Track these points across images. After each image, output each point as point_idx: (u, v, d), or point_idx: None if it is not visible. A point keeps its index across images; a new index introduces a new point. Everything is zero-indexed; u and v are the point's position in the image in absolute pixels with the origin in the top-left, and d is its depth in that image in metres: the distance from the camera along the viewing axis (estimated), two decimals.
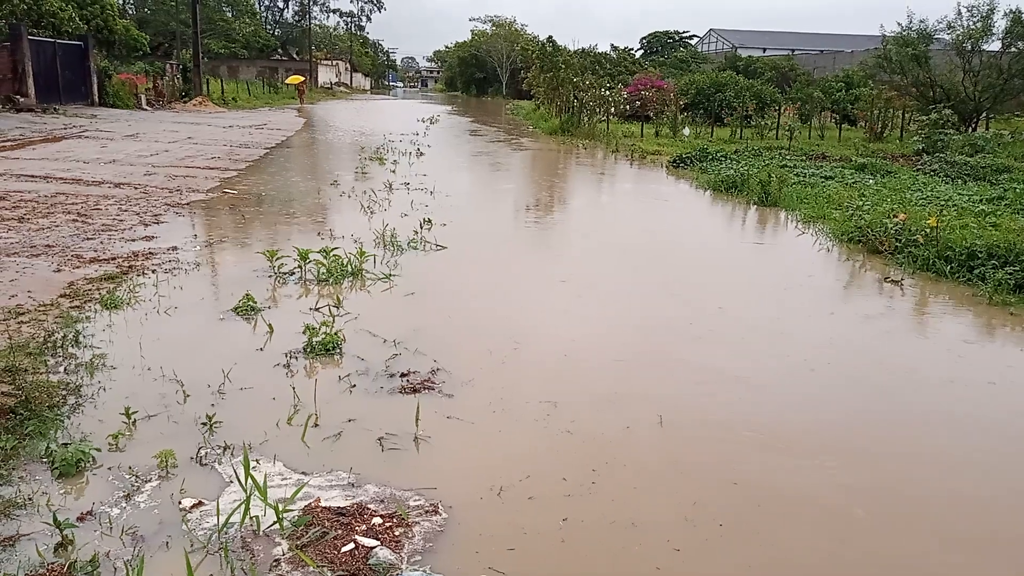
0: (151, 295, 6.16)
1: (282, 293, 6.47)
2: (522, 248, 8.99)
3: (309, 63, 67.87)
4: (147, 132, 21.36)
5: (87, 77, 29.96)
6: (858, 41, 50.80)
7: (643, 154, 19.41)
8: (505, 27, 75.46)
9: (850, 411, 4.61)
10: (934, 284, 7.50)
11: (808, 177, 13.84)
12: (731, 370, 5.13)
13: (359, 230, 8.93)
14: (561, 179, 15.81)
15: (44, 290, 6.11)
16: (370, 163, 15.86)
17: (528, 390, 4.66)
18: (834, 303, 7.00)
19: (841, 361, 5.41)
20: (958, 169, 14.41)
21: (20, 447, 3.64)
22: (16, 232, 8.10)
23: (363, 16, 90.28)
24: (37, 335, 5.08)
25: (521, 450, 3.94)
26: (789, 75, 36.14)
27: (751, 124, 25.16)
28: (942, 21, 22.68)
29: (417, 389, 4.60)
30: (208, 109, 34.09)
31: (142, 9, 55.69)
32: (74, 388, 4.34)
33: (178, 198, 10.86)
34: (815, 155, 18.37)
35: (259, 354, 5.06)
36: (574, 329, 5.92)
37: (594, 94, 26.47)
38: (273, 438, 3.91)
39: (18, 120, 22.49)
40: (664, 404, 4.54)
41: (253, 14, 65.27)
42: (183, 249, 7.81)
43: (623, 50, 51.93)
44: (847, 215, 9.76)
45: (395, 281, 6.96)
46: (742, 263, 8.63)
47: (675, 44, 70.18)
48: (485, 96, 74.98)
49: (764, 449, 4.05)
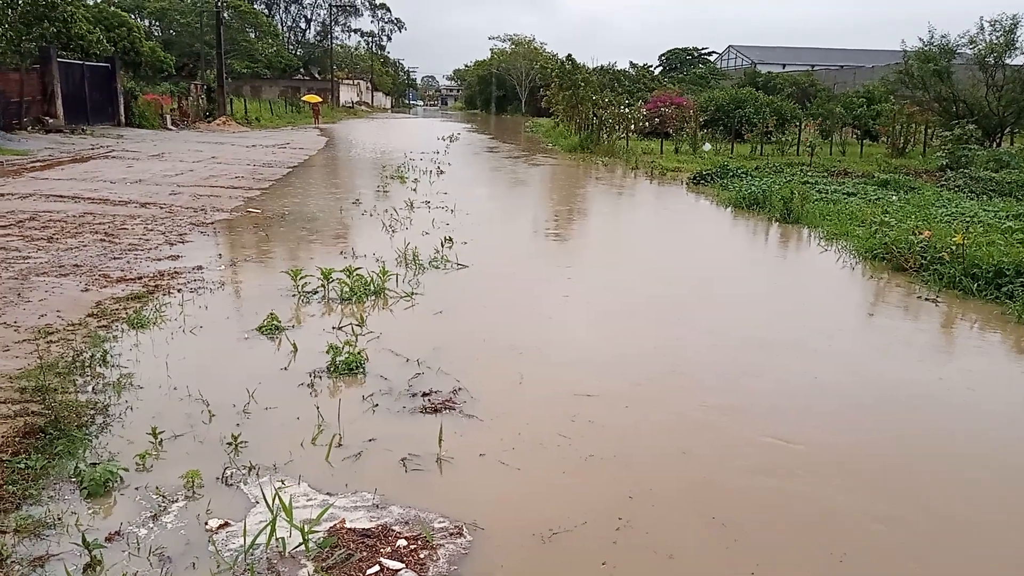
0: (177, 314, 6.23)
1: (306, 312, 6.52)
2: (543, 267, 9.00)
3: (331, 83, 68.74)
4: (172, 152, 21.70)
5: (114, 98, 30.55)
6: (879, 56, 50.53)
7: (663, 171, 19.39)
8: (524, 45, 76.03)
9: (882, 432, 4.55)
10: (961, 302, 7.40)
11: (830, 193, 13.76)
12: (757, 390, 5.08)
13: (381, 248, 8.99)
14: (581, 197, 15.83)
15: (72, 309, 6.20)
16: (391, 181, 15.98)
17: (550, 411, 4.64)
18: (860, 322, 6.93)
19: (869, 383, 5.34)
20: (983, 185, 14.25)
21: (50, 467, 3.69)
22: (45, 252, 8.24)
23: (384, 36, 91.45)
24: (66, 354, 5.15)
25: (544, 472, 3.92)
26: (809, 91, 36.01)
27: (771, 140, 25.07)
28: (964, 36, 22.53)
29: (439, 409, 4.60)
30: (231, 128, 34.58)
31: (167, 31, 56.83)
32: (102, 407, 4.39)
33: (203, 217, 11.00)
34: (837, 171, 18.26)
35: (283, 373, 5.09)
36: (595, 351, 5.90)
37: (613, 111, 26.55)
38: (298, 458, 3.93)
39: (47, 141, 22.96)
40: (688, 427, 4.51)
41: (276, 35, 66.29)
42: (208, 268, 7.90)
43: (642, 67, 52.04)
44: (871, 232, 9.67)
45: (417, 300, 6.98)
46: (766, 281, 8.58)
47: (694, 61, 70.40)
48: (504, 114, 75.44)
49: (790, 469, 4.00)
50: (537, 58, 69.99)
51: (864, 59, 54.15)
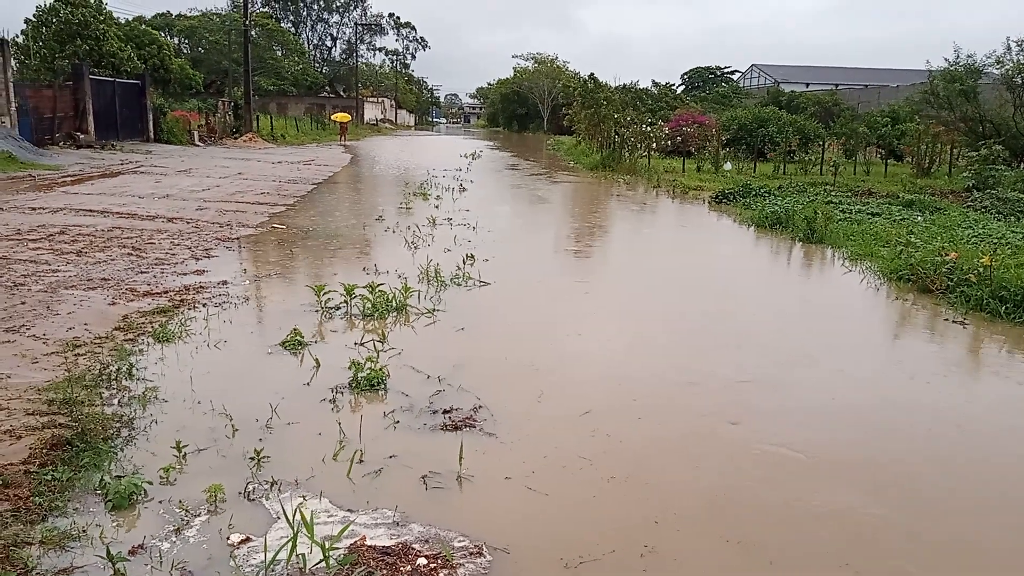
0: (201, 328, 6.30)
1: (328, 328, 6.57)
2: (565, 285, 9.00)
3: (356, 100, 69.54)
4: (199, 168, 22.03)
5: (143, 114, 31.13)
6: (903, 76, 50.25)
7: (685, 189, 19.36)
8: (547, 64, 76.48)
9: (907, 455, 4.48)
10: (989, 325, 7.30)
11: (854, 214, 13.65)
12: (776, 409, 5.04)
13: (403, 265, 9.04)
14: (603, 215, 15.84)
15: (100, 323, 6.30)
16: (414, 198, 16.10)
17: (570, 430, 4.63)
18: (884, 343, 6.85)
19: (890, 404, 5.27)
20: (1011, 206, 14.08)
21: (76, 479, 3.73)
22: (74, 266, 8.38)
23: (408, 54, 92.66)
24: (93, 367, 5.23)
25: (567, 495, 3.90)
26: (833, 110, 35.86)
27: (794, 159, 24.96)
28: (991, 56, 22.40)
29: (459, 426, 4.61)
30: (258, 145, 35.05)
31: (196, 48, 57.90)
32: (128, 420, 4.45)
33: (228, 232, 11.14)
34: (861, 191, 18.13)
35: (306, 389, 5.13)
36: (616, 369, 5.89)
37: (635, 130, 26.60)
38: (319, 474, 3.95)
39: (78, 156, 23.41)
40: (707, 445, 4.47)
41: (302, 53, 67.32)
42: (233, 283, 7.99)
43: (664, 86, 52.22)
44: (895, 253, 9.58)
45: (438, 317, 7.01)
46: (789, 300, 8.51)
47: (716, 79, 70.39)
48: (526, 131, 75.77)
49: (810, 489, 3.95)
50: (560, 76, 70.37)
51: (888, 78, 53.86)
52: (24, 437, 4.09)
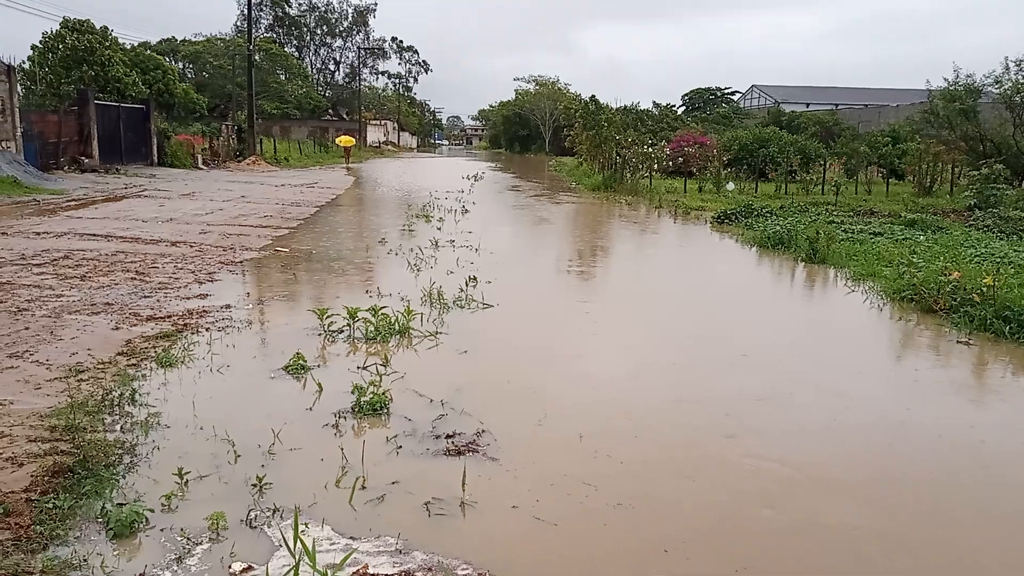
0: (204, 353, 6.30)
1: (331, 351, 6.56)
2: (568, 307, 8.99)
3: (359, 123, 70.01)
4: (203, 191, 22.15)
5: (148, 138, 31.36)
6: (903, 95, 50.48)
7: (687, 210, 19.41)
8: (548, 86, 77.04)
9: (910, 478, 4.45)
10: (993, 345, 7.27)
11: (856, 233, 13.66)
12: (778, 430, 5.01)
13: (406, 287, 9.05)
14: (606, 236, 15.87)
15: (103, 348, 6.30)
16: (416, 220, 16.15)
17: (573, 454, 4.61)
18: (887, 364, 6.83)
19: (892, 426, 5.24)
20: (1013, 225, 14.08)
21: (77, 506, 3.71)
22: (78, 290, 8.40)
23: (411, 77, 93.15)
24: (96, 393, 5.22)
25: (572, 523, 3.86)
26: (833, 130, 36.01)
27: (796, 179, 25.03)
28: (989, 76, 22.50)
29: (462, 451, 4.59)
30: (261, 168, 35.26)
31: (201, 73, 58.36)
32: (129, 447, 4.43)
33: (231, 256, 11.18)
34: (863, 211, 18.16)
35: (308, 414, 5.12)
36: (619, 391, 5.87)
37: (637, 151, 26.70)
38: (321, 500, 3.92)
39: (82, 180, 23.56)
40: (711, 468, 4.45)
41: (305, 76, 67.83)
42: (236, 307, 8.00)
43: (665, 107, 52.43)
44: (898, 273, 9.57)
45: (441, 339, 7.00)
46: (792, 321, 8.50)
47: (717, 100, 70.75)
48: (528, 153, 76.13)
49: (816, 512, 3.92)
50: (561, 98, 70.82)
51: (888, 98, 54.09)
52: (26, 464, 4.08)
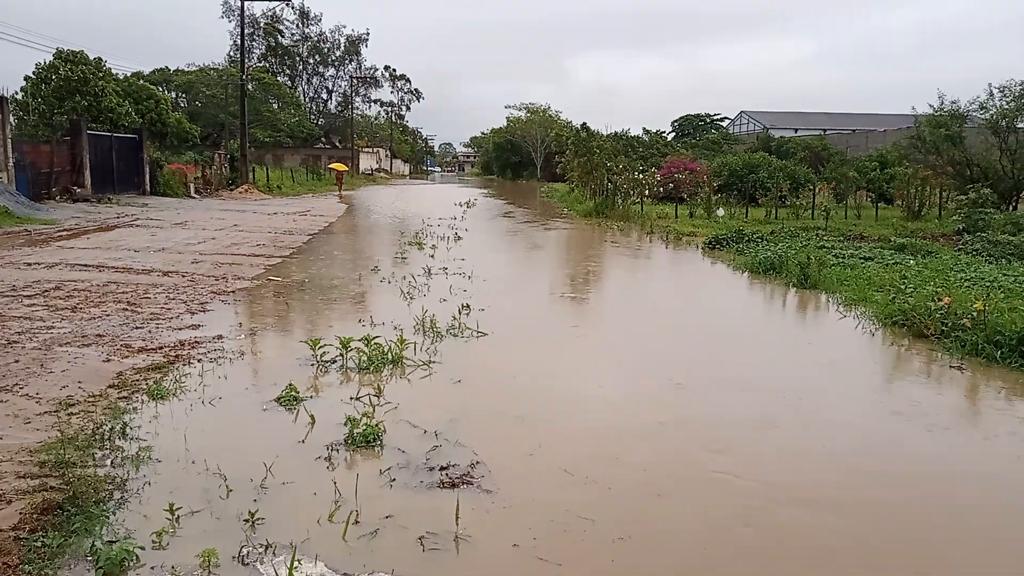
0: (196, 385, 6.26)
1: (324, 382, 6.53)
2: (561, 335, 8.99)
3: (351, 151, 70.35)
4: (195, 220, 22.15)
5: (140, 168, 31.40)
6: (890, 120, 51.12)
7: (678, 236, 19.51)
8: (540, 113, 77.70)
9: (905, 506, 4.45)
10: (985, 370, 7.29)
11: (847, 258, 13.75)
12: (769, 456, 5.00)
13: (399, 316, 9.03)
14: (597, 262, 15.92)
15: (94, 380, 6.26)
16: (409, 248, 16.18)
17: (569, 485, 4.58)
18: (879, 390, 6.84)
19: (886, 453, 5.24)
20: (1001, 249, 14.21)
21: (67, 544, 3.66)
22: (69, 321, 8.36)
23: (403, 105, 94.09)
24: (86, 427, 5.18)
25: (572, 561, 3.84)
26: (822, 155, 36.37)
27: (786, 204, 25.23)
28: (974, 102, 22.84)
29: (456, 484, 4.56)
30: (254, 196, 35.32)
31: (193, 102, 58.67)
32: (120, 482, 4.39)
33: (224, 286, 11.15)
34: (853, 235, 18.29)
35: (301, 446, 5.08)
36: (614, 419, 5.86)
37: (628, 177, 26.90)
38: (315, 536, 3.88)
39: (74, 210, 23.54)
40: (706, 497, 4.43)
41: (298, 105, 68.24)
42: (228, 338, 7.97)
43: (655, 133, 52.92)
44: (889, 298, 9.62)
45: (434, 369, 6.98)
46: (784, 347, 8.51)
47: (706, 126, 71.47)
48: (520, 179, 76.56)
49: (814, 537, 3.91)
50: (552, 125, 71.46)
51: (875, 123, 54.73)
52: (14, 501, 4.03)
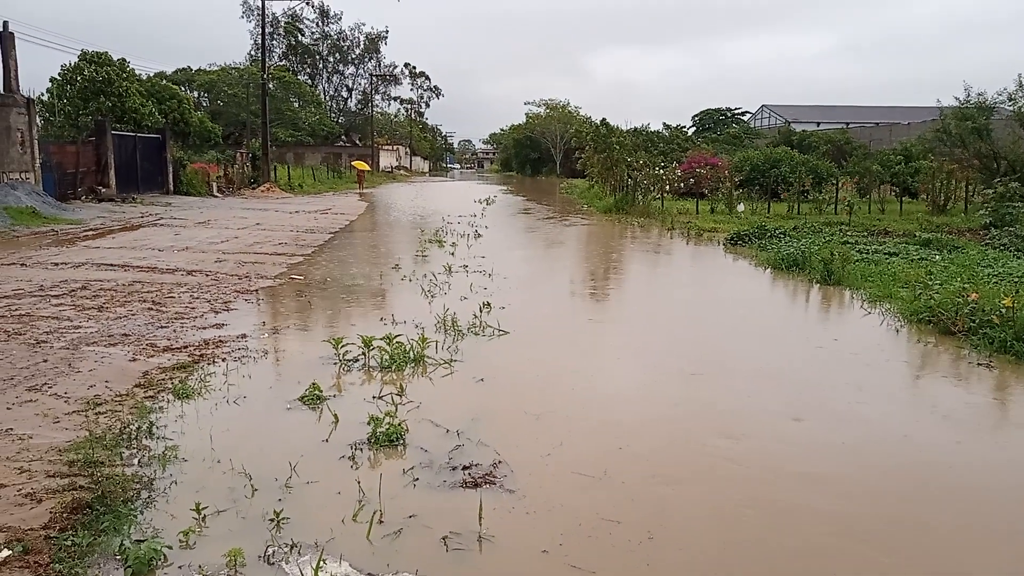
0: (221, 384, 6.32)
1: (346, 381, 6.57)
2: (582, 332, 8.96)
3: (371, 149, 70.64)
4: (218, 219, 22.35)
5: (164, 167, 31.75)
6: (914, 113, 50.44)
7: (699, 232, 19.39)
8: (559, 109, 77.60)
9: (923, 508, 4.39)
10: (1015, 367, 7.18)
11: (871, 254, 13.58)
12: (796, 457, 4.96)
13: (420, 314, 9.06)
14: (619, 259, 15.86)
15: (120, 380, 6.34)
16: (429, 246, 16.22)
17: (592, 484, 4.57)
18: (905, 388, 6.76)
19: (911, 454, 5.18)
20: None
21: (96, 544, 3.71)
22: (95, 321, 8.47)
23: (423, 103, 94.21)
24: (113, 426, 5.24)
25: (589, 556, 3.83)
26: (845, 148, 35.98)
27: (808, 199, 24.97)
28: (1002, 93, 22.48)
29: (479, 483, 4.56)
30: (275, 195, 35.59)
31: (215, 102, 59.16)
32: (147, 482, 4.44)
33: (247, 285, 11.25)
34: (877, 230, 18.08)
35: (325, 445, 5.11)
36: (635, 417, 5.83)
37: (648, 172, 26.76)
38: (339, 535, 3.91)
39: (99, 210, 23.85)
40: (732, 497, 4.40)
41: (318, 103, 68.63)
42: (252, 337, 8.03)
43: (675, 128, 52.65)
44: (915, 294, 9.49)
45: (456, 367, 6.99)
46: (808, 344, 8.42)
47: (727, 120, 70.89)
48: (539, 175, 76.51)
49: (842, 540, 3.87)
50: (571, 121, 71.27)
51: (899, 116, 54.07)
52: (45, 500, 4.09)
